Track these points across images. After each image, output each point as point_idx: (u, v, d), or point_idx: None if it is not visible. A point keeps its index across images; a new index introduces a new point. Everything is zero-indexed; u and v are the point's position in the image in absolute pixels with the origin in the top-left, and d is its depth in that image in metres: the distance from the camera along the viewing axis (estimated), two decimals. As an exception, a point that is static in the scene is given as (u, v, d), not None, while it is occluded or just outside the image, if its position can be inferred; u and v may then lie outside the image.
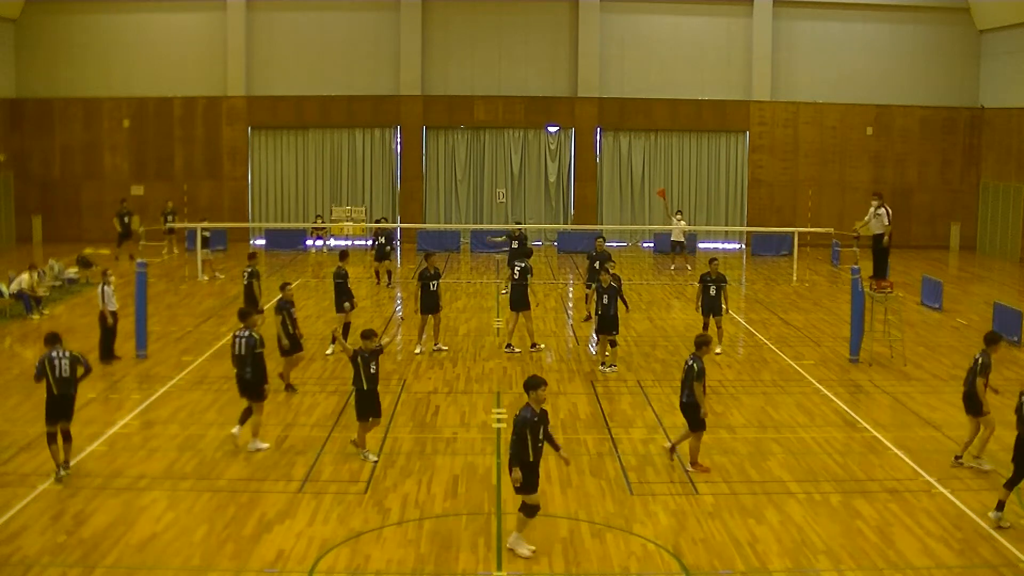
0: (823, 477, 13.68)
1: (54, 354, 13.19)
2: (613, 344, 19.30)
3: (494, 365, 19.65)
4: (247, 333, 14.63)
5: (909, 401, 17.39)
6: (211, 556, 11.06)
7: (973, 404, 13.88)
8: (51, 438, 13.16)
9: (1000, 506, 12.09)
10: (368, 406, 14.03)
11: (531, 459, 11.07)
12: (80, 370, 13.39)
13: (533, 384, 11.27)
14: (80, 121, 37.11)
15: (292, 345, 17.47)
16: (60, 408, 13.18)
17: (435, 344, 20.61)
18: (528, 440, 11.06)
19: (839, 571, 10.91)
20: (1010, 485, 12.08)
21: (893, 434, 15.52)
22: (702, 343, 14.14)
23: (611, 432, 15.49)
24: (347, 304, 20.03)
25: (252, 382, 14.52)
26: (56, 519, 11.95)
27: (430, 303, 20.15)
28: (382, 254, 28.57)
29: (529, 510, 11.24)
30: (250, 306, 19.43)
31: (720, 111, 37.79)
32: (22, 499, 12.50)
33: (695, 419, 13.75)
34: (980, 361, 13.80)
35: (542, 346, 20.84)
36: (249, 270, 20.87)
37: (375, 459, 14.03)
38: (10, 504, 12.33)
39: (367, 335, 14.05)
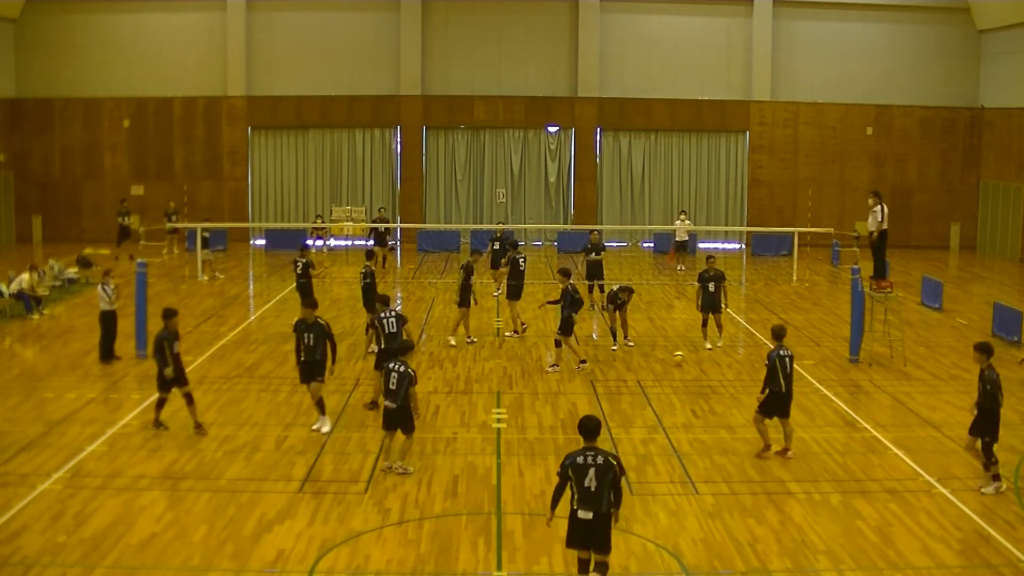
0: (823, 477, 13.68)
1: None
2: (557, 344, 19.25)
3: (494, 365, 19.65)
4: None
5: (909, 401, 17.39)
6: (211, 556, 11.06)
7: None
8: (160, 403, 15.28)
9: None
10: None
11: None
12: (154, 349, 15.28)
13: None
14: (80, 121, 37.13)
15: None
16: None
17: (467, 337, 21.37)
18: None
19: (839, 571, 10.91)
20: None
21: (893, 434, 15.52)
22: (782, 334, 14.64)
23: (611, 432, 15.48)
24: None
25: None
26: (56, 519, 11.95)
27: (463, 295, 21.16)
28: (381, 241, 31.80)
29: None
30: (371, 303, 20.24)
31: (720, 111, 37.80)
32: (22, 499, 12.50)
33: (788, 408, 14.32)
34: None
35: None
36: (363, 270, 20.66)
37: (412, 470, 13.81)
38: (10, 504, 12.32)
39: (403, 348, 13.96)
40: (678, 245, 33.34)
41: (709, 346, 21.08)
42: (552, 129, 37.90)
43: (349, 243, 36.59)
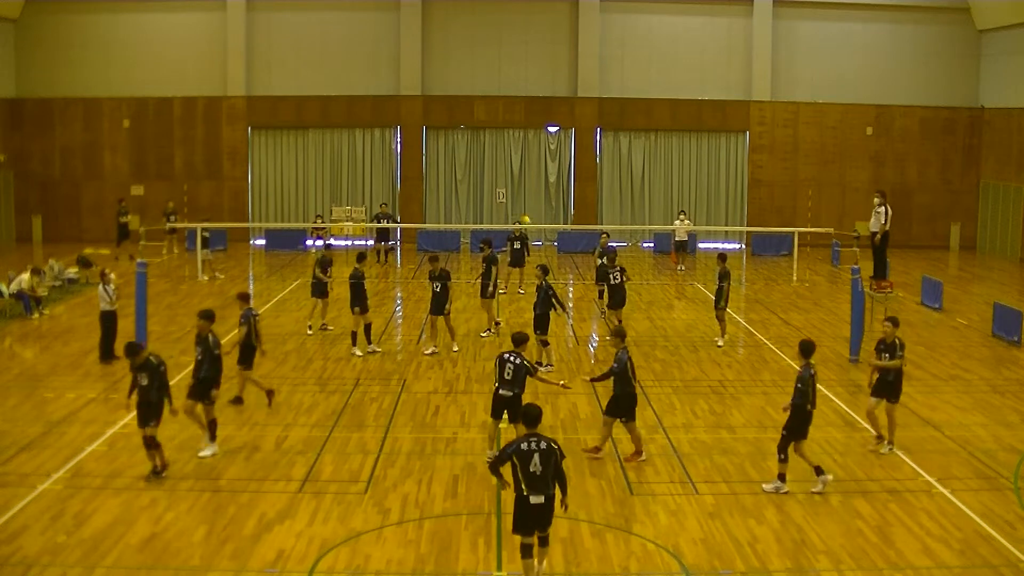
0: (823, 477, 13.68)
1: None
2: (544, 344, 19.25)
3: (494, 365, 19.60)
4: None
5: (909, 401, 17.34)
6: (211, 556, 11.06)
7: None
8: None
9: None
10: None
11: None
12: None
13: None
14: (80, 121, 37.10)
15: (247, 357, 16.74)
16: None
17: (429, 347, 20.54)
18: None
19: (839, 571, 10.92)
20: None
21: (893, 434, 15.50)
22: (625, 334, 15.21)
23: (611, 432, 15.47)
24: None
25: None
26: (56, 519, 11.95)
27: (433, 303, 20.33)
28: (383, 236, 32.91)
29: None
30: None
31: (720, 111, 37.79)
32: (22, 499, 12.50)
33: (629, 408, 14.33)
34: None
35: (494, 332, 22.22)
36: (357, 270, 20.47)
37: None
38: (10, 504, 12.33)
39: (519, 340, 14.39)
40: (678, 245, 33.41)
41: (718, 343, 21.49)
42: (552, 129, 37.89)
43: (349, 243, 36.57)
